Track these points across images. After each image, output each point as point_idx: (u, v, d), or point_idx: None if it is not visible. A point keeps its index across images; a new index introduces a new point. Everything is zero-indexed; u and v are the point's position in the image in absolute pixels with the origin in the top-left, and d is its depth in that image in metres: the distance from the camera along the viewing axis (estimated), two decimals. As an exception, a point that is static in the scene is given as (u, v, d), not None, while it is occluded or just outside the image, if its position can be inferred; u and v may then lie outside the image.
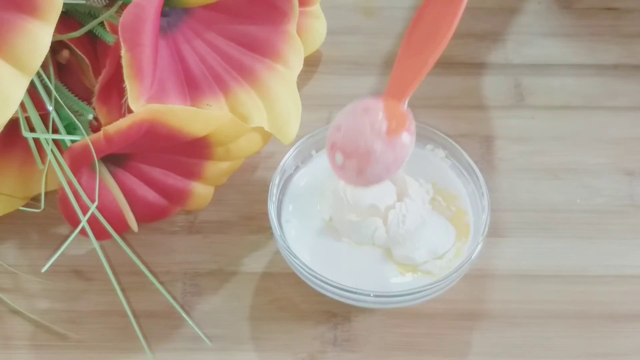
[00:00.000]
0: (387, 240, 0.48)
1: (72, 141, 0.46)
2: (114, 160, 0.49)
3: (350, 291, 0.46)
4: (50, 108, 0.47)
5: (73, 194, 0.46)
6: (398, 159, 0.46)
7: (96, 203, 0.46)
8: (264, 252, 0.51)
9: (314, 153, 0.52)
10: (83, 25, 0.49)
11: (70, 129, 0.48)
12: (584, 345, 0.48)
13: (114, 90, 0.48)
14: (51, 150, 0.46)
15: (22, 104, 0.45)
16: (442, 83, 0.60)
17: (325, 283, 0.46)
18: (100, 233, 0.47)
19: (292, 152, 0.51)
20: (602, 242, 0.52)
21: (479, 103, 0.59)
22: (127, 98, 0.45)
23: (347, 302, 0.47)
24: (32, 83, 0.45)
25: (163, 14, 0.47)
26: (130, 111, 0.45)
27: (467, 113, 0.58)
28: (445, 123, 0.55)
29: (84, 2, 0.49)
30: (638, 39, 0.63)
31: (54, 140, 0.47)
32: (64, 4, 0.43)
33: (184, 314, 0.48)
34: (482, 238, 0.47)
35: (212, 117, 0.47)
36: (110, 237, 0.47)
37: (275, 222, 0.48)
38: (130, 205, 0.49)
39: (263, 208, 0.49)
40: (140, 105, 0.45)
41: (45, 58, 0.42)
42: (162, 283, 0.49)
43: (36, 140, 0.49)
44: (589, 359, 0.47)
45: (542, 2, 0.65)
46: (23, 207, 0.50)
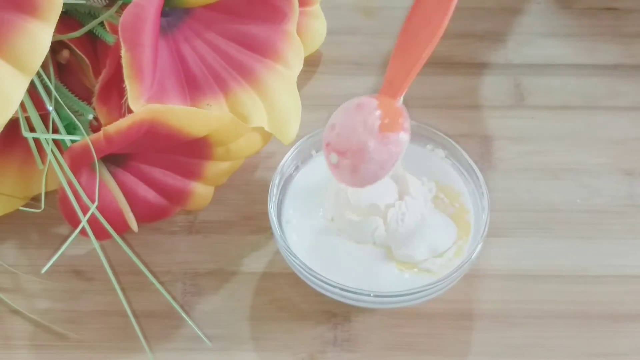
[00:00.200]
0: (386, 239, 0.48)
1: (72, 141, 0.46)
2: (114, 160, 0.49)
3: (350, 291, 0.46)
4: (50, 108, 0.47)
5: (73, 194, 0.46)
6: (392, 156, 0.46)
7: (96, 203, 0.46)
8: (264, 252, 0.51)
9: (314, 153, 0.52)
10: (83, 25, 0.49)
11: (70, 129, 0.48)
12: (584, 345, 0.48)
13: (114, 90, 0.48)
14: (51, 150, 0.46)
15: (22, 104, 0.45)
16: (442, 83, 0.60)
17: (325, 283, 0.46)
18: (100, 233, 0.47)
19: (292, 152, 0.51)
20: (602, 242, 0.52)
21: (479, 103, 0.59)
22: (127, 98, 0.45)
23: (347, 302, 0.47)
24: (32, 83, 0.44)
25: (163, 14, 0.47)
26: (130, 111, 0.45)
27: (467, 113, 0.58)
28: (445, 123, 0.54)
29: (84, 2, 0.49)
30: (638, 39, 0.63)
31: (54, 140, 0.47)
32: (64, 3, 0.43)
33: (183, 314, 0.48)
34: (482, 238, 0.47)
35: (212, 117, 0.47)
36: (110, 237, 0.47)
37: (275, 222, 0.48)
38: (130, 205, 0.49)
39: (263, 208, 0.49)
40: (140, 105, 0.45)
41: (45, 58, 0.42)
42: (162, 283, 0.49)
43: (36, 140, 0.49)
44: (589, 359, 0.47)
45: (542, 2, 0.65)
46: (23, 207, 0.50)
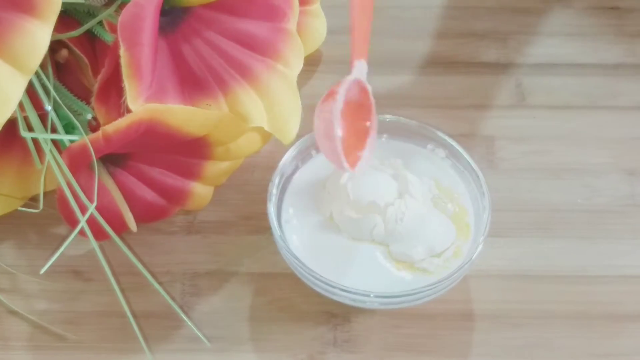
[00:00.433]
0: (385, 237, 0.48)
1: (71, 141, 0.46)
2: (113, 160, 0.49)
3: (350, 292, 0.46)
4: (49, 108, 0.47)
5: (72, 194, 0.46)
6: (328, 125, 0.46)
7: (95, 203, 0.46)
8: (263, 252, 0.51)
9: (314, 153, 0.52)
10: (82, 25, 0.49)
11: (69, 128, 0.48)
12: (584, 345, 0.48)
13: (113, 90, 0.48)
14: (50, 150, 0.46)
15: (20, 104, 0.45)
16: (443, 83, 0.60)
17: (325, 283, 0.46)
18: (99, 233, 0.47)
19: (292, 152, 0.51)
20: (603, 242, 0.52)
21: (480, 103, 0.59)
22: (126, 97, 0.45)
23: (347, 302, 0.47)
24: (30, 82, 0.44)
25: (162, 13, 0.47)
26: (129, 111, 0.45)
27: (467, 113, 0.58)
28: (446, 123, 0.54)
29: (83, 1, 0.49)
30: (639, 38, 0.63)
31: (53, 140, 0.47)
32: (62, 3, 0.43)
33: (183, 315, 0.48)
34: (483, 238, 0.47)
35: (212, 116, 0.47)
36: (109, 237, 0.47)
37: (275, 222, 0.48)
38: (129, 205, 0.49)
39: (263, 208, 0.49)
40: (139, 104, 0.45)
41: (43, 57, 0.42)
42: (161, 283, 0.49)
43: (35, 140, 0.49)
44: (590, 359, 0.47)
45: (543, 2, 0.65)
46: (22, 207, 0.50)
